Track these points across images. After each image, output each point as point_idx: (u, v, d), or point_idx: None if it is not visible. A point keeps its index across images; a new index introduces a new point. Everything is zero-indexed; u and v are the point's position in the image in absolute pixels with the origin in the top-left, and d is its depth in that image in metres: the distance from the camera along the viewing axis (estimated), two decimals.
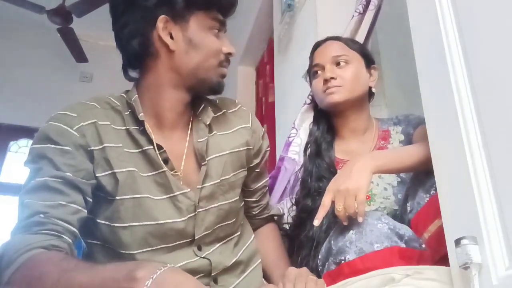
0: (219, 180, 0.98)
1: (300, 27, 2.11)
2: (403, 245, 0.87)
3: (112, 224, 0.89)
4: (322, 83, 1.24)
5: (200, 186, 0.96)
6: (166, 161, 0.93)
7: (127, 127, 0.93)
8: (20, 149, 4.22)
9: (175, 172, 0.94)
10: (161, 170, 0.92)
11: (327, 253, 0.94)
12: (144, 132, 0.92)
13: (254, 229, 1.17)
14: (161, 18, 0.91)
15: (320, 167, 1.21)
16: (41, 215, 0.79)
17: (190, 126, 1.01)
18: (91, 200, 0.88)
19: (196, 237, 0.94)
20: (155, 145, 0.92)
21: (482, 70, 0.69)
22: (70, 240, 0.81)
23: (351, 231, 0.90)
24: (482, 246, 0.63)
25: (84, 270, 0.71)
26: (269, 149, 1.15)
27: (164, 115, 0.96)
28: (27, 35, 4.25)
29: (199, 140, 0.98)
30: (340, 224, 0.93)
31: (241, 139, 1.04)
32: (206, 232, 0.96)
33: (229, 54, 0.98)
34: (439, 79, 0.77)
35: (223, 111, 1.06)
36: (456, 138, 0.71)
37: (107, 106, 0.95)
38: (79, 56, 3.97)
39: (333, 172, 1.17)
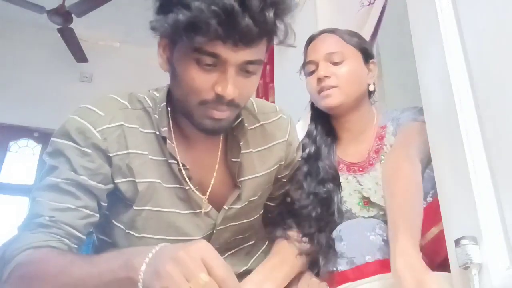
0: (246, 202, 0.94)
1: (300, 27, 2.10)
2: None
3: (127, 231, 0.87)
4: (316, 82, 1.14)
5: (227, 207, 0.91)
6: (189, 177, 0.88)
7: (156, 132, 0.87)
8: (20, 149, 4.22)
9: (198, 189, 0.89)
10: (183, 187, 0.87)
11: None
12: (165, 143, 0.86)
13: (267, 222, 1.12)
14: (161, 36, 0.82)
15: (323, 169, 1.12)
16: (47, 218, 0.78)
17: (223, 137, 0.93)
18: (105, 204, 0.85)
19: None
20: (179, 163, 0.86)
21: (482, 69, 0.69)
22: (73, 245, 0.80)
23: (343, 242, 0.89)
24: (482, 246, 0.63)
25: (81, 264, 0.70)
26: (300, 158, 1.09)
27: (185, 129, 0.89)
28: (27, 35, 4.25)
29: (233, 160, 0.91)
30: (334, 233, 0.93)
31: (276, 157, 0.99)
32: (218, 246, 0.91)
33: (221, 96, 0.77)
34: (439, 79, 0.77)
35: (261, 123, 0.98)
36: (456, 138, 0.71)
37: (139, 105, 0.88)
38: (79, 56, 3.97)
39: (335, 176, 1.11)
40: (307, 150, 1.17)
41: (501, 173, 0.64)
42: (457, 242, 0.65)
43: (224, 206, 0.91)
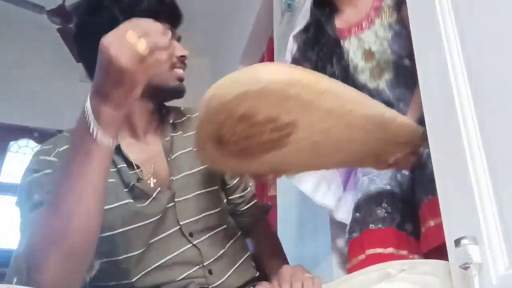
0: (190, 172, 1.04)
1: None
2: None
3: (103, 235, 0.88)
4: None
5: (173, 178, 1.00)
6: (140, 177, 0.98)
7: None
8: (20, 149, 4.23)
9: (146, 178, 0.99)
10: (135, 183, 0.96)
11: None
12: (119, 152, 0.96)
13: (247, 230, 1.18)
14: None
15: (322, 36, 1.28)
16: None
17: (162, 135, 1.07)
18: None
19: (181, 223, 0.98)
20: (132, 163, 0.97)
21: (482, 69, 0.69)
22: None
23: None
24: (482, 246, 0.63)
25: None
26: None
27: (136, 124, 1.02)
28: (27, 35, 4.24)
29: (166, 139, 1.05)
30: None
31: None
32: (192, 219, 1.00)
33: (183, 56, 1.03)
34: (438, 79, 0.77)
35: (187, 116, 1.15)
36: (456, 138, 0.71)
37: None
38: None
39: (337, 41, 1.26)
40: (311, 30, 1.35)
41: (501, 172, 0.64)
42: (457, 242, 0.65)
43: (171, 177, 1.01)
